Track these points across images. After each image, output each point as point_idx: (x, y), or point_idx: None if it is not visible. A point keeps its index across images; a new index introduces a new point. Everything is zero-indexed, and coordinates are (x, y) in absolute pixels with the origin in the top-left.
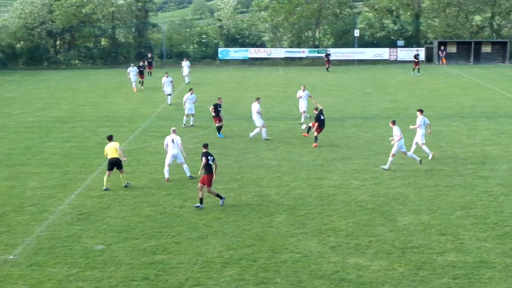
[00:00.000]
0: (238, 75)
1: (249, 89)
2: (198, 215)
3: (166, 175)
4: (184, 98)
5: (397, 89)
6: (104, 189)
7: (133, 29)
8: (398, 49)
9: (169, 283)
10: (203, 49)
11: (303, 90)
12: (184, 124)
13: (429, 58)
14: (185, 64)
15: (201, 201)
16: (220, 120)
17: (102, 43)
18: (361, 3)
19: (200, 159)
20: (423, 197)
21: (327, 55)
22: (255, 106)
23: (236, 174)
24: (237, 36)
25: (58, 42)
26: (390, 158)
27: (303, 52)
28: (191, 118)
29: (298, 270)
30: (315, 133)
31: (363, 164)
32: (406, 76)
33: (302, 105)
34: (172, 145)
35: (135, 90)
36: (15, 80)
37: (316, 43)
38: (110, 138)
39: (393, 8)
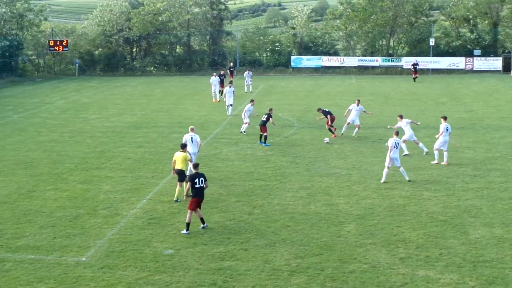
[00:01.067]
0: (310, 84)
1: (321, 98)
2: (267, 223)
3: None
4: (245, 108)
5: (472, 99)
6: (175, 201)
7: (208, 37)
8: (475, 58)
9: None
10: (276, 57)
11: (357, 104)
12: (243, 131)
13: (506, 68)
14: (247, 74)
15: (202, 220)
16: (266, 130)
17: (177, 50)
18: (437, 11)
19: (187, 180)
20: (497, 209)
21: (414, 65)
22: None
23: (305, 182)
24: (310, 44)
25: (134, 49)
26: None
27: (377, 61)
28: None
29: (365, 281)
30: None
31: (435, 175)
32: (482, 86)
33: (352, 116)
34: (191, 143)
35: (214, 100)
36: (92, 86)
37: (390, 51)
38: (183, 147)
39: (470, 16)
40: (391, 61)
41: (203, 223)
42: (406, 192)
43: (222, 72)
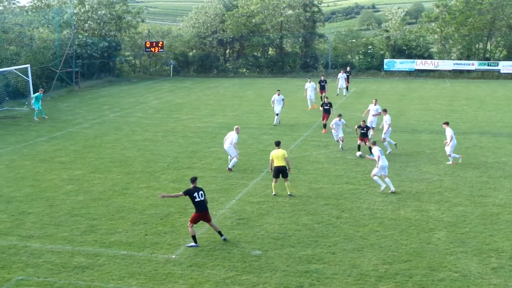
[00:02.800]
0: (402, 87)
1: (413, 102)
2: (355, 227)
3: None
4: (332, 122)
5: None
6: (274, 195)
7: (300, 39)
8: None
9: None
10: (368, 60)
11: (374, 104)
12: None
13: None
14: (342, 76)
15: (220, 233)
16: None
17: (270, 52)
18: None
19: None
20: None
21: None
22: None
23: (395, 187)
24: (403, 47)
25: (227, 51)
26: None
27: (472, 65)
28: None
29: None
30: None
31: None
32: None
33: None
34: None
35: (310, 108)
36: (186, 86)
37: (487, 55)
38: (278, 144)
39: None
40: (488, 65)
41: (221, 235)
42: (500, 200)
43: (322, 78)
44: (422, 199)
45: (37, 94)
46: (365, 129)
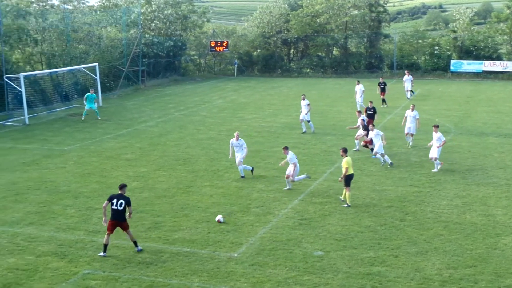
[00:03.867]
0: (469, 89)
1: (480, 104)
2: (419, 230)
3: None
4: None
5: None
6: (347, 206)
7: (365, 39)
8: None
9: None
10: (435, 61)
11: (412, 110)
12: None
13: None
14: (408, 78)
15: (135, 243)
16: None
17: (334, 52)
18: None
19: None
20: None
21: None
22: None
23: (461, 191)
24: (471, 48)
25: (292, 51)
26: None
27: None
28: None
29: None
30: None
31: None
32: None
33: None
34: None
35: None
36: (250, 86)
37: None
38: (346, 151)
39: None
40: None
41: (136, 246)
42: None
43: (381, 80)
44: (489, 204)
45: (88, 94)
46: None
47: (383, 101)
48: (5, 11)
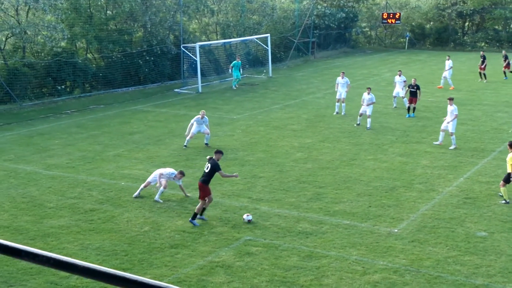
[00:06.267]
0: None
1: None
2: None
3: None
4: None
5: None
6: (505, 202)
7: None
8: None
9: None
10: None
11: (400, 75)
12: None
13: None
14: (448, 63)
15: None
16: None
17: (511, 26)
18: None
19: None
20: None
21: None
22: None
23: None
24: None
25: (466, 24)
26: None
27: None
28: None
29: None
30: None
31: None
32: None
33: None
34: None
35: (452, 87)
36: (420, 59)
37: None
38: None
39: None
40: None
41: (193, 218)
42: None
43: (504, 53)
44: None
45: (234, 61)
46: (415, 87)
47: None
48: None
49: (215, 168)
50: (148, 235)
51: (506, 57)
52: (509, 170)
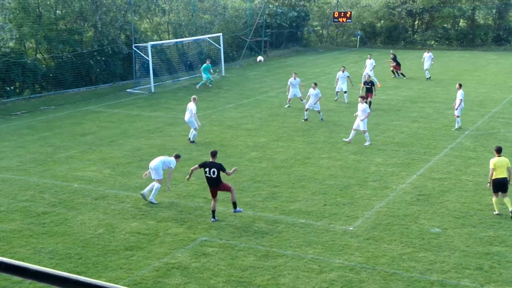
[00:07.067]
0: None
1: None
2: None
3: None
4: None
5: None
6: (496, 213)
7: (494, 11)
8: None
9: (503, 276)
10: None
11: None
12: None
13: None
14: (427, 56)
15: (213, 214)
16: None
17: (460, 24)
18: None
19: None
20: None
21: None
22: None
23: None
24: None
25: (416, 22)
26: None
27: None
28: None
29: None
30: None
31: None
32: None
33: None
34: (186, 111)
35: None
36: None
37: None
38: (499, 151)
39: None
40: None
41: (235, 207)
42: None
43: (392, 52)
44: None
45: (204, 64)
46: (369, 83)
47: (396, 73)
48: None
49: (221, 169)
50: (102, 238)
51: (394, 57)
52: (497, 176)
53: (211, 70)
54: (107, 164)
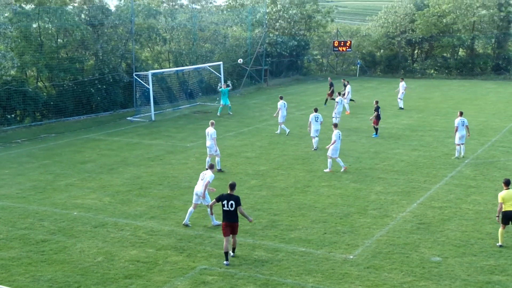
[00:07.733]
0: None
1: None
2: None
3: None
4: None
5: None
6: (499, 245)
7: (493, 40)
8: None
9: None
10: None
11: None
12: None
13: None
14: (401, 84)
15: (226, 256)
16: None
17: (459, 53)
18: None
19: (216, 199)
20: None
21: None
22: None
23: None
24: None
25: (416, 51)
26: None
27: None
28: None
29: None
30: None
31: None
32: None
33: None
34: (207, 137)
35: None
36: (371, 86)
37: None
38: (507, 184)
39: None
40: None
41: (233, 252)
42: None
43: (330, 80)
44: None
45: (222, 89)
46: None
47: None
48: (137, 10)
49: (238, 203)
50: (101, 266)
51: (331, 85)
52: (507, 209)
53: (218, 98)
54: (107, 192)
